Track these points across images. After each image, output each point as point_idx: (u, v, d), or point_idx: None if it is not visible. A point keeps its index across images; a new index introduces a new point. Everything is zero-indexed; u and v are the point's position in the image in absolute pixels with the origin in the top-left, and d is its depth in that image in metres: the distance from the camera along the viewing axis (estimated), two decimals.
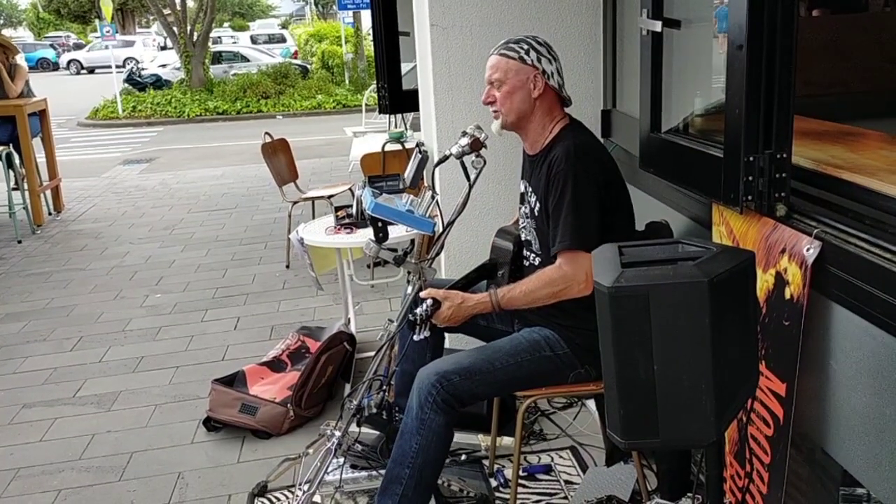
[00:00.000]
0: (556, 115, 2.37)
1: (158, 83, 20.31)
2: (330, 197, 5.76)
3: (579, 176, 2.23)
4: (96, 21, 30.46)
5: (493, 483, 2.81)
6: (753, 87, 1.88)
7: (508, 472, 2.81)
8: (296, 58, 24.61)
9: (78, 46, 37.99)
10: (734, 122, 1.95)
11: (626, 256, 1.62)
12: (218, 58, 21.97)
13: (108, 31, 17.86)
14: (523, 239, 2.51)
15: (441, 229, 2.46)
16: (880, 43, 3.21)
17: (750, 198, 1.95)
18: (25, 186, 7.10)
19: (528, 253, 2.48)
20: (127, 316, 4.83)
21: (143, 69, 21.61)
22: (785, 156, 1.91)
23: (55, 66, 34.84)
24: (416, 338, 2.31)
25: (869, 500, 1.88)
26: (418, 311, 2.26)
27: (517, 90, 2.31)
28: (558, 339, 2.35)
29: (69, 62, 33.60)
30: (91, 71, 31.36)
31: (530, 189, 2.43)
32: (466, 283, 2.52)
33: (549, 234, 2.30)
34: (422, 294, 2.32)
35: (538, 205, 2.37)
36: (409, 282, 2.41)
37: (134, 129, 15.72)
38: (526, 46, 2.30)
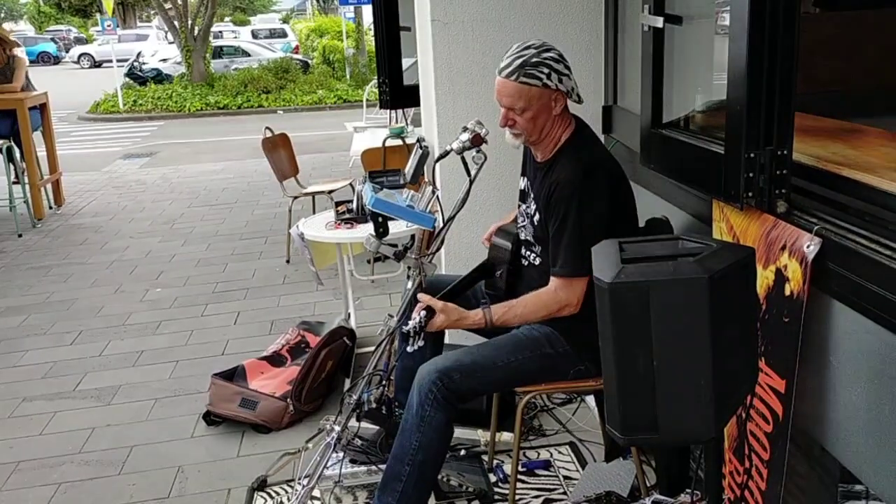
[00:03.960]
0: (565, 119, 2.34)
1: (159, 77, 20.25)
2: (330, 192, 5.75)
3: (583, 201, 2.21)
4: (97, 15, 30.37)
5: (493, 478, 2.82)
6: (755, 83, 1.88)
7: (508, 468, 2.81)
8: (297, 53, 24.56)
9: (79, 40, 37.75)
10: (735, 118, 1.95)
11: (626, 252, 1.62)
12: (219, 52, 21.90)
13: (108, 26, 17.85)
14: (522, 238, 2.50)
15: (441, 225, 2.46)
16: (881, 40, 3.20)
17: (750, 194, 1.95)
18: (26, 180, 7.11)
19: (528, 252, 2.47)
20: (127, 310, 4.83)
21: (143, 63, 21.52)
22: (786, 152, 1.91)
23: (56, 60, 34.53)
24: (409, 349, 2.31)
25: (867, 496, 1.88)
26: (411, 323, 2.23)
27: (541, 113, 2.27)
28: (559, 336, 2.35)
29: (80, 56, 32.76)
30: (99, 65, 30.56)
31: (531, 191, 2.41)
32: (467, 284, 2.52)
33: (549, 253, 2.30)
34: (420, 298, 2.30)
35: (538, 215, 2.35)
36: (409, 277, 2.41)
37: (135, 124, 15.70)
38: (546, 70, 2.21)
